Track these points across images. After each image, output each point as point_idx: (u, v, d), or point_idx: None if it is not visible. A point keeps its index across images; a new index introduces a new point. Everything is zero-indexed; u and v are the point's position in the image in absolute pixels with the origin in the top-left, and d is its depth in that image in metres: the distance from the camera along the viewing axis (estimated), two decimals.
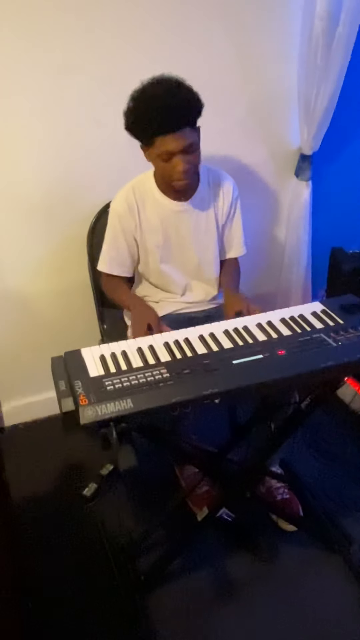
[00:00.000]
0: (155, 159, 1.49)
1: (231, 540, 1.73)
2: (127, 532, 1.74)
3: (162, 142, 1.43)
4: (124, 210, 1.63)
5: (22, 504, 1.87)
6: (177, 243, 1.70)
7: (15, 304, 2.08)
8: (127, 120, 1.47)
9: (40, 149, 1.84)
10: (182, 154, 1.46)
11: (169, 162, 1.47)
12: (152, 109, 1.39)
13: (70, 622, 1.53)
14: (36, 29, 1.67)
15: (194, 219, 1.69)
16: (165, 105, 1.38)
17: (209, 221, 1.71)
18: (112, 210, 1.67)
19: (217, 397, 1.10)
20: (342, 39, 1.89)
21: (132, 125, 1.46)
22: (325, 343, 1.23)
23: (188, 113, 1.43)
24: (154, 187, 1.65)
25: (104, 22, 1.73)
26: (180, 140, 1.43)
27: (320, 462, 2.03)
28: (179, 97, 1.41)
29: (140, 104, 1.42)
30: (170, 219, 1.66)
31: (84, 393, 1.07)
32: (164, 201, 1.64)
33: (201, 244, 1.73)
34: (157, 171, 1.58)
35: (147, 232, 1.67)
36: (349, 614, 1.54)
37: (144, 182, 1.66)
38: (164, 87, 1.41)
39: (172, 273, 1.74)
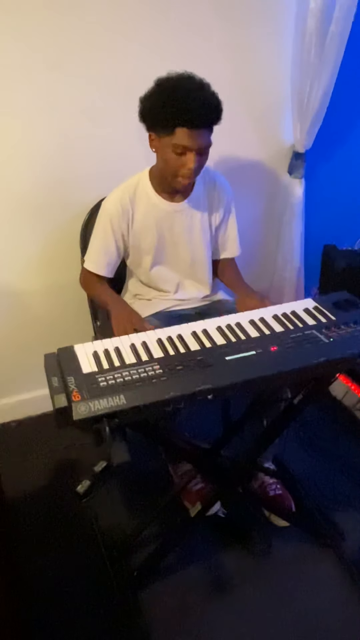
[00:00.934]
0: (166, 149, 1.47)
1: (224, 536, 1.74)
2: (120, 528, 1.75)
3: (182, 135, 1.42)
4: (117, 211, 1.62)
5: (15, 501, 1.87)
6: (171, 243, 1.70)
7: (7, 301, 2.08)
8: (148, 104, 1.45)
9: (33, 146, 1.83)
10: (196, 152, 1.46)
11: (181, 157, 1.46)
12: (183, 99, 1.38)
13: (64, 617, 1.53)
14: (31, 26, 1.66)
15: (188, 219, 1.68)
16: (197, 100, 1.39)
17: (203, 221, 1.71)
18: (105, 210, 1.65)
19: (210, 393, 1.10)
20: (335, 36, 1.89)
21: (153, 110, 1.43)
22: (317, 339, 1.23)
23: (214, 115, 1.44)
24: (148, 188, 1.64)
25: (100, 20, 1.73)
26: (199, 139, 1.44)
27: (313, 457, 2.04)
28: (209, 97, 1.42)
29: (170, 92, 1.40)
30: (164, 220, 1.66)
31: (76, 389, 1.07)
32: (158, 202, 1.64)
33: (194, 244, 1.73)
34: (162, 163, 1.53)
35: (140, 234, 1.66)
36: (341, 608, 1.55)
37: (138, 183, 1.64)
38: (196, 84, 1.42)
39: (165, 273, 1.74)
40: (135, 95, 1.87)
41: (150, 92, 1.46)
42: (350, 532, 1.74)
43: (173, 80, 1.43)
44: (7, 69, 1.69)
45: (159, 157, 1.53)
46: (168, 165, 1.50)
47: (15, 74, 1.71)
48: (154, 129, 1.48)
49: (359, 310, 1.36)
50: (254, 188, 2.29)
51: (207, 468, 1.62)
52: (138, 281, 1.79)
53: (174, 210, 1.65)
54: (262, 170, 2.26)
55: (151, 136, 1.51)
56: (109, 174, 1.93)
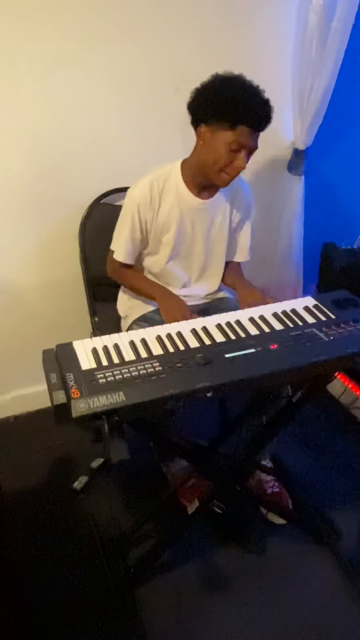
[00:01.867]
0: (220, 143, 1.46)
1: (221, 533, 1.74)
2: (117, 525, 1.75)
3: (243, 132, 1.43)
4: (145, 200, 1.60)
5: (12, 496, 1.86)
6: (190, 238, 1.69)
7: (6, 297, 2.06)
8: (209, 96, 1.46)
9: (33, 140, 1.81)
10: (247, 152, 1.48)
11: (233, 154, 1.47)
12: (251, 99, 1.42)
13: (61, 614, 1.53)
14: (31, 18, 1.64)
15: (210, 218, 1.68)
16: (261, 103, 1.44)
17: (223, 222, 1.71)
18: (132, 198, 1.61)
19: (210, 391, 1.10)
20: (336, 33, 1.89)
21: (218, 103, 1.43)
22: (317, 338, 1.23)
23: (269, 121, 1.48)
24: (179, 180, 1.62)
25: (100, 12, 1.71)
26: (255, 140, 1.48)
27: (310, 456, 2.05)
28: (268, 102, 1.46)
29: (239, 89, 1.43)
30: (188, 214, 1.65)
31: (75, 386, 1.06)
32: (187, 196, 1.63)
33: (211, 243, 1.73)
34: (210, 156, 1.50)
35: (163, 225, 1.65)
36: (337, 606, 1.55)
37: (169, 174, 1.62)
38: (253, 85, 1.46)
39: (177, 268, 1.74)
40: (135, 92, 1.87)
41: (210, 84, 1.46)
42: (347, 529, 1.75)
43: (236, 78, 1.45)
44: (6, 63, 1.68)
45: (207, 149, 1.51)
46: (216, 159, 1.49)
47: (15, 67, 1.69)
48: (210, 122, 1.47)
49: (358, 308, 1.36)
50: (253, 185, 2.26)
51: (204, 466, 1.62)
52: (147, 272, 1.78)
53: (199, 206, 1.65)
54: (262, 168, 2.26)
55: (202, 128, 1.49)
56: (108, 169, 1.92)
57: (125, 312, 1.84)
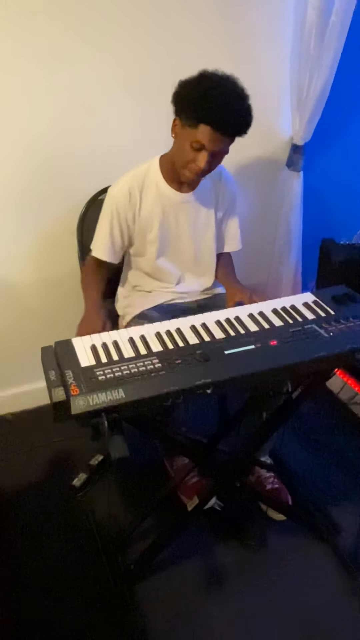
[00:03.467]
0: (185, 139, 1.45)
1: (221, 530, 1.75)
2: (116, 522, 1.75)
3: (204, 132, 1.40)
4: (124, 198, 1.60)
5: (10, 494, 1.86)
6: (175, 234, 1.68)
7: (4, 293, 2.06)
8: (184, 90, 1.44)
9: (31, 137, 1.80)
10: (210, 153, 1.45)
11: (195, 152, 1.45)
12: (218, 100, 1.37)
13: (60, 611, 1.53)
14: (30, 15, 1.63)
15: (194, 210, 1.67)
16: (230, 105, 1.39)
17: (209, 214, 1.70)
18: (112, 197, 1.62)
19: (209, 387, 1.09)
20: (335, 28, 1.88)
21: (187, 98, 1.42)
22: (317, 334, 1.23)
23: (241, 127, 1.44)
24: (158, 176, 1.62)
25: (98, 9, 1.70)
26: (218, 143, 1.43)
27: (309, 452, 2.05)
28: (243, 108, 1.42)
29: (209, 88, 1.39)
30: (171, 210, 1.64)
31: (75, 383, 1.06)
32: (167, 191, 1.62)
33: (199, 236, 1.72)
34: (177, 151, 1.51)
35: (146, 223, 1.64)
36: (337, 602, 1.56)
37: (148, 171, 1.62)
38: (238, 89, 1.42)
39: (168, 265, 1.73)
40: (133, 89, 1.86)
41: (191, 80, 1.44)
42: (346, 525, 1.75)
43: (217, 77, 1.42)
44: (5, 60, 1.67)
45: (176, 144, 1.52)
46: (181, 154, 1.49)
47: (14, 64, 1.68)
48: (181, 116, 1.46)
49: (357, 304, 1.36)
50: (251, 181, 2.28)
51: (204, 462, 1.62)
52: (139, 272, 1.77)
53: (181, 200, 1.64)
54: (260, 163, 2.25)
55: (175, 121, 1.49)
56: (107, 165, 1.91)
57: (123, 310, 1.83)
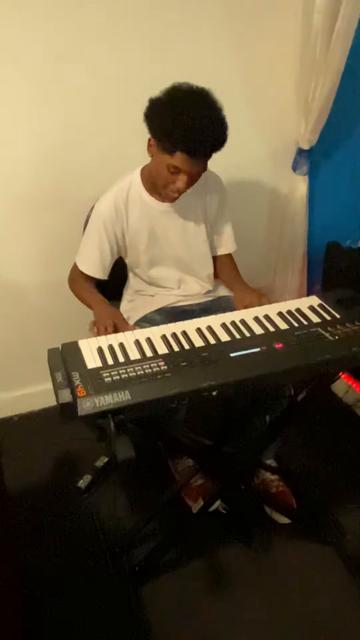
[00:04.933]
0: (161, 161, 1.44)
1: (225, 532, 1.74)
2: (121, 524, 1.75)
3: (181, 159, 1.39)
4: (111, 214, 1.60)
5: (16, 495, 1.87)
6: (166, 242, 1.69)
7: (10, 295, 2.07)
8: (156, 114, 1.41)
9: (37, 141, 1.82)
10: (189, 176, 1.45)
11: (173, 175, 1.45)
12: (192, 126, 1.34)
13: (65, 612, 1.53)
14: (34, 18, 1.64)
15: (182, 218, 1.67)
16: (205, 129, 1.36)
17: (198, 219, 1.70)
18: (98, 213, 1.62)
19: (215, 390, 1.10)
20: (341, 33, 1.88)
21: (160, 124, 1.39)
22: (322, 337, 1.24)
23: (217, 146, 1.42)
24: (140, 188, 1.62)
25: (105, 12, 1.71)
26: (196, 166, 1.43)
27: (314, 455, 2.05)
28: (218, 127, 1.39)
29: (181, 113, 1.34)
30: (157, 220, 1.64)
31: (81, 384, 1.07)
32: (151, 202, 1.62)
33: (191, 242, 1.71)
34: (154, 171, 1.52)
35: (136, 235, 1.65)
36: (342, 604, 1.55)
37: (130, 185, 1.62)
38: (210, 106, 1.39)
39: (164, 271, 1.74)
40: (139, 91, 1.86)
41: (161, 102, 1.41)
42: (351, 528, 1.75)
43: (187, 99, 1.37)
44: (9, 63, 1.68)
45: (153, 164, 1.52)
46: (159, 176, 1.49)
47: (19, 68, 1.70)
48: (156, 139, 1.44)
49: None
50: (257, 184, 2.29)
51: (209, 464, 1.62)
52: (140, 278, 1.79)
53: (167, 210, 1.64)
54: (266, 167, 2.26)
55: (150, 141, 1.48)
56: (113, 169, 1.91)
57: (126, 313, 1.84)
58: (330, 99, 2.02)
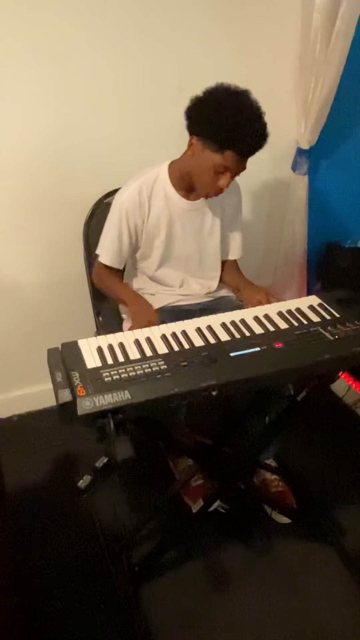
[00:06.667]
0: (206, 161, 1.45)
1: (225, 532, 1.75)
2: (121, 524, 1.75)
3: (230, 158, 1.41)
4: (134, 205, 1.60)
5: (16, 495, 1.87)
6: (181, 240, 1.69)
7: (10, 295, 2.07)
8: (205, 113, 1.41)
9: (36, 141, 1.82)
10: (233, 175, 1.48)
11: (218, 174, 1.46)
12: (244, 127, 1.38)
13: (64, 612, 1.53)
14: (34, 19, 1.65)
15: (200, 218, 1.68)
16: (255, 131, 1.40)
17: (214, 221, 1.71)
18: (120, 204, 1.62)
19: (215, 390, 1.10)
20: (340, 33, 1.88)
21: (211, 123, 1.40)
22: (322, 336, 1.23)
23: (262, 145, 1.45)
24: (166, 182, 1.62)
25: (104, 13, 1.72)
26: (242, 165, 1.47)
27: (314, 454, 2.05)
28: (264, 128, 1.42)
29: (234, 114, 1.37)
30: (178, 216, 1.65)
31: (81, 384, 1.07)
32: (175, 198, 1.63)
33: (204, 243, 1.73)
34: (196, 170, 1.51)
35: (154, 229, 1.65)
36: (342, 604, 1.56)
37: (156, 177, 1.62)
38: (255, 108, 1.41)
39: (172, 270, 1.75)
40: (139, 90, 1.88)
41: (208, 101, 1.42)
42: (351, 528, 1.75)
43: (234, 100, 1.40)
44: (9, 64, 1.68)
45: (194, 162, 1.50)
46: (202, 175, 1.50)
47: (18, 68, 1.70)
48: (201, 137, 1.44)
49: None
50: (257, 185, 2.29)
51: (209, 464, 1.62)
52: (142, 275, 1.78)
53: (189, 208, 1.65)
54: (265, 167, 2.26)
55: (193, 139, 1.47)
56: (112, 170, 1.92)
57: (126, 314, 1.84)
58: (330, 99, 2.02)
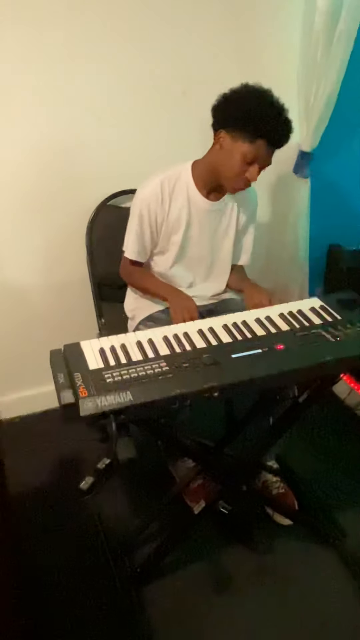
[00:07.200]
0: (236, 152, 1.48)
1: (227, 534, 1.74)
2: (123, 525, 1.75)
3: (261, 147, 1.46)
4: (156, 198, 1.61)
5: (18, 497, 1.87)
6: (197, 240, 1.71)
7: (12, 297, 2.08)
8: (236, 105, 1.47)
9: (40, 143, 1.83)
10: (261, 167, 1.51)
11: (247, 165, 1.49)
12: (276, 117, 1.45)
13: (66, 614, 1.53)
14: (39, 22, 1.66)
15: (217, 220, 1.70)
16: (285, 122, 1.47)
17: (230, 225, 1.73)
18: (141, 199, 1.63)
19: (216, 391, 1.10)
20: (342, 35, 1.89)
21: (243, 113, 1.45)
22: (323, 338, 1.24)
23: (288, 138, 1.50)
24: (189, 180, 1.63)
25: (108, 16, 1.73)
26: (270, 157, 1.52)
27: (316, 457, 2.05)
28: (291, 122, 1.49)
29: (268, 105, 1.45)
30: (197, 216, 1.66)
31: (83, 385, 1.08)
32: (197, 197, 1.64)
33: (217, 245, 1.74)
34: (224, 162, 1.53)
35: (173, 225, 1.66)
36: (343, 606, 1.55)
37: (180, 174, 1.64)
38: (283, 105, 1.48)
39: (184, 270, 1.76)
40: (142, 93, 1.88)
41: (241, 94, 1.48)
42: (352, 531, 1.74)
43: (264, 94, 1.47)
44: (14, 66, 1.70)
45: (223, 155, 1.53)
46: (230, 167, 1.52)
47: (23, 70, 1.71)
48: (231, 130, 1.48)
49: None
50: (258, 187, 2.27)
51: (210, 466, 1.62)
52: (155, 271, 1.79)
53: (208, 208, 1.67)
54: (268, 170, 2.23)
55: (221, 133, 1.51)
56: (115, 172, 1.94)
57: (132, 312, 1.85)
58: (331, 102, 2.03)
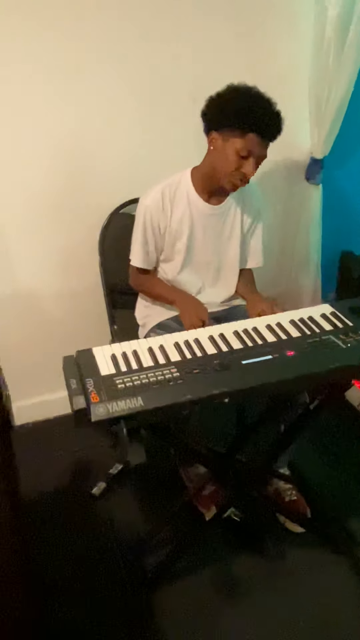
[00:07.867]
0: (230, 149, 1.50)
1: (238, 540, 1.74)
2: (135, 530, 1.76)
3: (253, 140, 1.48)
4: (157, 208, 1.64)
5: (31, 502, 1.88)
6: (202, 245, 1.72)
7: (27, 304, 2.10)
8: (223, 104, 1.50)
9: (54, 151, 1.85)
10: (256, 160, 1.52)
11: (242, 160, 1.51)
12: (263, 109, 1.47)
13: (78, 618, 1.54)
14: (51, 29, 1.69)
15: (221, 223, 1.71)
16: (273, 114, 1.49)
17: (234, 227, 1.73)
18: (144, 207, 1.66)
19: (227, 397, 1.11)
20: (353, 43, 1.89)
21: (230, 110, 1.47)
22: (334, 345, 1.24)
23: (280, 130, 1.52)
24: (189, 186, 1.66)
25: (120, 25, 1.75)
26: (264, 150, 1.53)
27: (328, 464, 2.04)
28: (279, 112, 1.51)
29: (253, 99, 1.48)
30: (200, 221, 1.68)
31: (95, 391, 1.09)
32: (198, 202, 1.66)
33: (222, 249, 1.75)
34: (218, 161, 1.55)
35: (176, 232, 1.68)
36: (354, 614, 1.54)
37: (179, 181, 1.66)
38: (268, 97, 1.50)
39: (192, 276, 1.77)
40: (154, 102, 1.90)
41: (226, 94, 1.51)
42: None
43: (252, 89, 1.50)
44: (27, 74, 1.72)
45: (217, 155, 1.55)
46: (226, 164, 1.53)
47: (36, 78, 1.74)
48: (221, 129, 1.51)
49: None
50: (270, 193, 2.29)
51: (222, 472, 1.62)
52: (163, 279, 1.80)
53: (210, 212, 1.68)
54: (279, 176, 2.26)
55: (213, 134, 1.54)
56: (128, 179, 1.95)
57: (142, 320, 1.86)
58: (343, 108, 2.03)
